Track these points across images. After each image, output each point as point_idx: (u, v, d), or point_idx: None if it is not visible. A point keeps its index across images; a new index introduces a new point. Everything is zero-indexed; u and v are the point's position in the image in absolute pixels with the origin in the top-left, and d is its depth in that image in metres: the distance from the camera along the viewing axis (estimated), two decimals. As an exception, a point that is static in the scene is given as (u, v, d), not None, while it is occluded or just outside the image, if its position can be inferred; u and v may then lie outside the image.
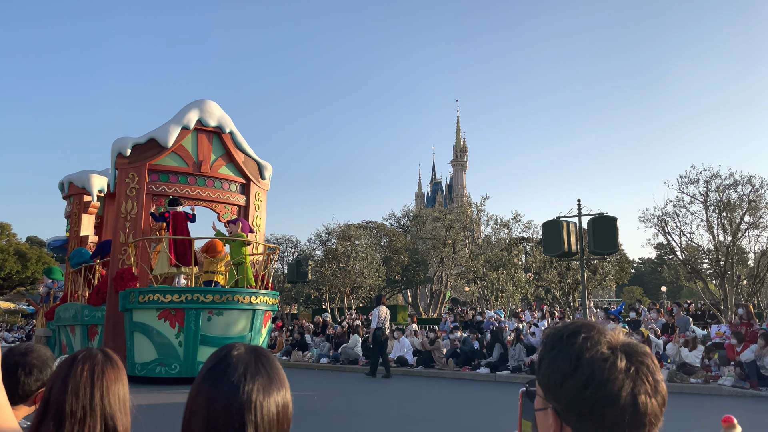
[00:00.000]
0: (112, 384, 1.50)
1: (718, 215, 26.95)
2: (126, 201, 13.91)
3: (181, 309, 12.34)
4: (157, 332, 12.38)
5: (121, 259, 13.75)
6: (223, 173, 15.17)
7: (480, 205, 41.43)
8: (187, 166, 14.62)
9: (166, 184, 14.43)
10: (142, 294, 12.49)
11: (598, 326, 1.14)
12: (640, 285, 62.42)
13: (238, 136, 15.25)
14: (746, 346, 11.89)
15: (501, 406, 10.00)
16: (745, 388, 11.28)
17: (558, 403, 1.10)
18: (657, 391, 1.07)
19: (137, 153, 14.04)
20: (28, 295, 41.72)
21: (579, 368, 1.07)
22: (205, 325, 12.43)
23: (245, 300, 12.80)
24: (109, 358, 1.55)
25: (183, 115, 14.51)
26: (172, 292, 12.47)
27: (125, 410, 1.52)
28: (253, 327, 13.04)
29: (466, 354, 15.92)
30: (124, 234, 13.81)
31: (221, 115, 15.06)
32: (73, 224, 18.42)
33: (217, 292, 12.57)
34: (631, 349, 1.10)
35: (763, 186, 26.48)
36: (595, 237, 13.84)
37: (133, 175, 14.02)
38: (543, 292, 39.72)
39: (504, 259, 36.92)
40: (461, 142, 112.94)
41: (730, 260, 26.56)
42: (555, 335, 1.15)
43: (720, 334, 14.21)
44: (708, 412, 8.94)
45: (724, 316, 23.42)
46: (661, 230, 28.52)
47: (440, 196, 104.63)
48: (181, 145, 14.50)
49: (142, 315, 12.52)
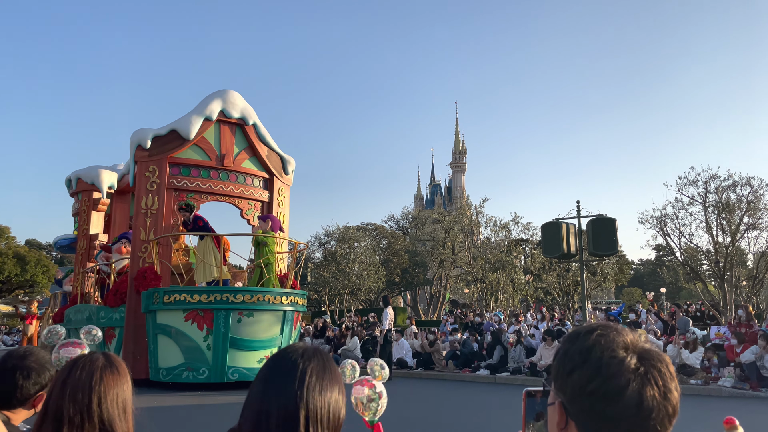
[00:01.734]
0: (111, 389, 1.49)
1: (717, 216, 26.97)
2: (146, 196, 13.14)
3: (210, 310, 11.61)
4: (184, 335, 11.67)
5: (142, 257, 12.99)
6: (246, 167, 14.44)
7: (479, 206, 41.44)
8: (209, 160, 13.87)
9: (187, 178, 13.66)
10: (167, 294, 11.75)
11: (619, 328, 1.14)
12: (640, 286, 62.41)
13: (262, 129, 14.58)
14: (746, 347, 11.89)
15: (501, 408, 9.98)
16: (744, 389, 11.28)
17: (564, 394, 1.10)
18: (666, 399, 1.05)
19: (157, 145, 13.31)
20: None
21: (588, 361, 1.07)
22: (234, 327, 11.70)
23: (276, 300, 12.10)
24: (110, 362, 1.55)
25: (205, 106, 13.80)
26: (199, 292, 11.73)
27: (125, 415, 1.51)
28: (283, 329, 12.36)
29: (465, 356, 15.91)
30: (145, 231, 13.04)
31: (244, 106, 14.38)
32: (81, 222, 17.64)
33: (247, 291, 11.88)
34: (647, 353, 1.09)
35: (762, 187, 26.48)
36: (595, 238, 13.85)
37: (154, 168, 13.26)
38: (542, 293, 39.72)
39: (503, 261, 36.92)
40: (460, 143, 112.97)
41: (729, 261, 26.57)
42: (574, 332, 1.17)
43: (720, 335, 14.21)
44: (708, 414, 8.93)
45: (723, 317, 23.42)
46: (660, 231, 28.53)
47: (439, 197, 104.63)
48: (203, 137, 13.81)
49: (167, 316, 11.81)
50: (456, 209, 51.09)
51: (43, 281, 47.91)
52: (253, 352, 11.89)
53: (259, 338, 11.98)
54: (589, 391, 1.05)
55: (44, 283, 47.85)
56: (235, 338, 11.70)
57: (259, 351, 11.92)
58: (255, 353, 11.90)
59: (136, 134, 13.32)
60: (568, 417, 1.09)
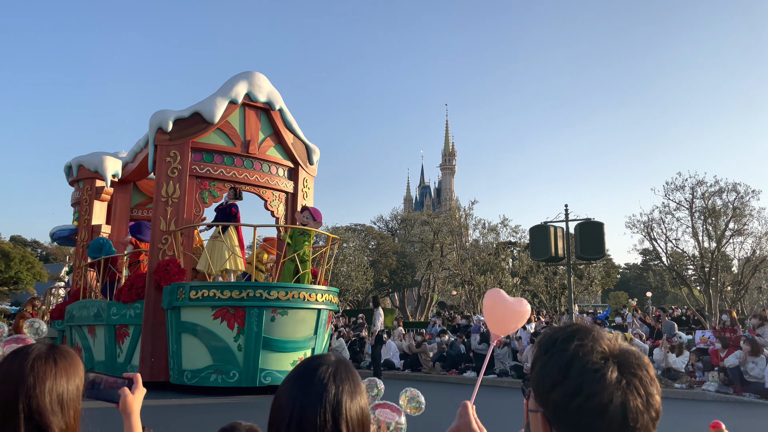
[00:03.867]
0: (45, 380, 1.39)
1: (704, 222, 27.23)
2: (167, 183, 12.08)
3: (242, 307, 10.62)
4: (212, 334, 10.66)
5: (162, 249, 11.89)
6: (271, 156, 13.37)
7: (468, 209, 41.60)
8: (233, 146, 12.82)
9: (210, 165, 12.61)
10: (194, 289, 10.76)
11: (595, 332, 1.11)
12: (626, 290, 62.82)
13: (288, 115, 13.62)
14: (730, 352, 11.99)
15: (487, 410, 9.98)
16: (728, 393, 11.37)
17: (546, 408, 1.08)
18: (649, 405, 1.05)
19: (179, 129, 12.29)
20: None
21: (568, 377, 1.05)
22: (268, 327, 10.70)
23: (311, 297, 11.13)
24: (50, 353, 1.44)
25: (230, 88, 12.82)
26: (231, 288, 10.78)
27: (63, 410, 1.40)
28: (317, 329, 11.42)
29: (452, 358, 15.92)
30: (165, 220, 11.96)
31: (270, 89, 13.39)
32: (82, 212, 16.44)
33: (282, 287, 10.87)
34: (626, 360, 1.07)
35: (747, 193, 26.80)
36: (582, 242, 13.91)
37: (175, 153, 12.20)
38: (530, 296, 39.87)
39: (491, 263, 37.05)
40: (450, 146, 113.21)
41: (714, 266, 26.83)
42: (550, 339, 1.14)
43: (704, 339, 14.33)
44: (692, 418, 8.99)
45: (708, 321, 23.61)
46: (647, 236, 28.77)
47: (429, 199, 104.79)
48: (228, 121, 12.81)
49: (193, 314, 10.81)
50: (445, 211, 51.25)
51: (27, 278, 47.39)
52: (286, 354, 10.95)
53: (294, 338, 11.02)
54: (573, 408, 1.03)
55: (29, 280, 47.33)
56: (269, 338, 10.73)
57: (293, 353, 11.01)
58: (289, 355, 10.97)
59: (157, 116, 12.33)
60: (552, 427, 1.09)
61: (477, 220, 40.79)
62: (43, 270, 50.79)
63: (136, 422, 1.72)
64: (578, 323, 1.15)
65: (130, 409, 1.70)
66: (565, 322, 1.27)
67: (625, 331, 16.52)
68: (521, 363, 14.49)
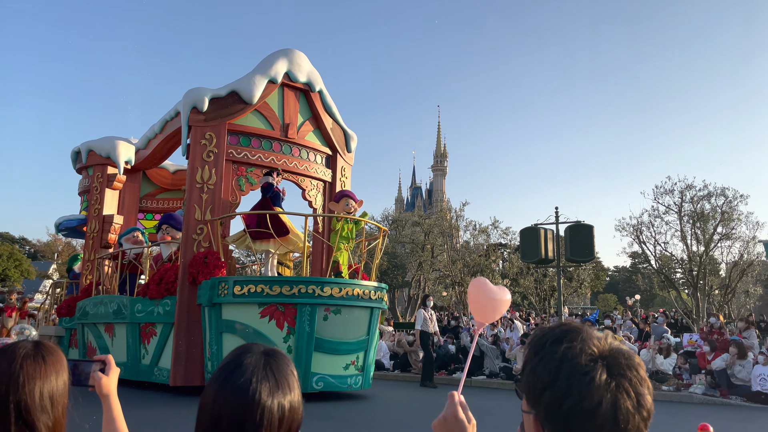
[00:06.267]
0: (33, 379, 1.39)
1: (692, 225, 27.47)
2: (202, 168, 11.05)
3: (293, 305, 9.64)
4: (259, 334, 9.61)
5: (197, 240, 10.83)
6: (310, 141, 12.37)
7: (459, 210, 41.69)
8: (272, 130, 11.78)
9: (247, 149, 11.56)
10: (238, 284, 9.73)
11: (585, 333, 1.12)
12: (615, 293, 63.20)
13: (328, 98, 12.60)
14: (717, 355, 12.10)
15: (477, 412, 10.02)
16: (715, 396, 11.47)
17: (538, 411, 1.09)
18: (640, 406, 1.05)
19: (215, 108, 11.29)
20: None
21: (557, 381, 1.06)
22: (320, 326, 9.76)
23: (365, 295, 10.17)
24: (37, 351, 1.44)
25: (270, 65, 11.76)
26: (281, 283, 9.77)
27: (52, 409, 1.41)
28: (370, 329, 10.50)
29: (442, 359, 15.93)
30: (200, 209, 10.93)
31: (311, 69, 12.36)
32: (93, 201, 15.11)
33: (336, 283, 9.94)
34: (616, 361, 1.07)
35: (736, 198, 27.06)
36: (572, 244, 13.99)
37: (211, 135, 11.18)
38: (519, 298, 40.02)
39: (482, 265, 37.15)
40: (442, 147, 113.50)
41: (702, 270, 27.06)
42: (539, 340, 1.14)
43: (692, 342, 14.44)
44: (680, 420, 9.06)
45: (695, 324, 23.80)
46: (636, 239, 29.01)
47: (420, 200, 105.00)
48: (266, 102, 11.76)
49: (236, 311, 9.80)
50: (436, 212, 51.26)
51: (15, 275, 47.02)
52: (339, 357, 10.06)
53: (347, 340, 10.11)
54: (563, 411, 1.04)
55: (16, 277, 46.97)
56: (321, 339, 9.79)
57: (346, 355, 10.15)
58: (342, 358, 10.10)
59: (191, 93, 11.29)
60: (544, 429, 1.09)
61: (468, 221, 40.91)
62: (31, 267, 50.44)
63: (114, 403, 1.75)
64: (568, 323, 1.15)
65: (106, 390, 1.74)
66: (555, 323, 1.28)
67: (615, 333, 16.62)
68: (510, 364, 14.54)
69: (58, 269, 54.03)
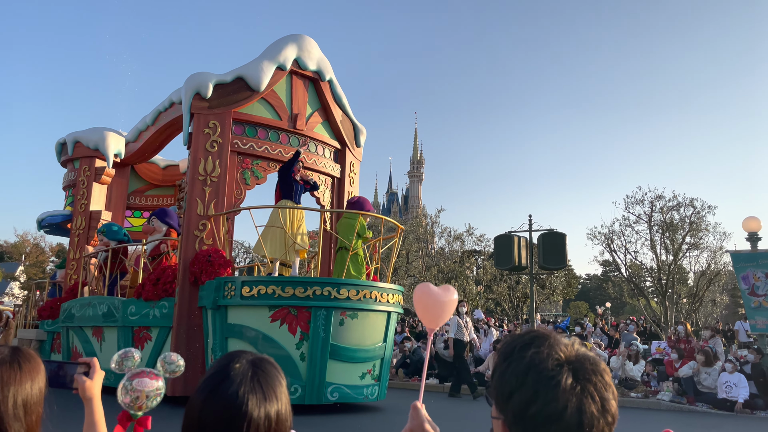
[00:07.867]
0: (7, 385, 1.36)
1: (662, 235, 28.02)
2: (205, 159, 10.24)
3: (306, 308, 8.87)
4: (269, 340, 8.84)
5: (199, 236, 10.04)
6: (318, 134, 11.61)
7: (435, 216, 41.85)
8: (279, 120, 11.04)
9: (254, 140, 10.81)
10: (247, 285, 8.94)
11: (552, 338, 1.14)
12: (586, 300, 64.06)
13: (338, 87, 11.88)
14: (684, 363, 12.34)
15: (447, 416, 10.04)
16: (682, 403, 11.68)
17: (505, 416, 1.11)
18: (605, 410, 1.07)
19: (220, 95, 10.48)
20: None
21: (524, 385, 1.08)
22: (336, 332, 8.98)
23: (383, 298, 9.47)
24: (13, 357, 1.41)
25: (278, 51, 11.00)
26: (293, 284, 8.94)
27: (26, 416, 1.38)
28: (387, 335, 9.79)
29: (415, 364, 15.95)
30: (203, 203, 10.12)
31: (321, 57, 11.65)
32: (78, 196, 14.18)
33: (354, 285, 9.17)
34: (581, 366, 1.10)
35: (704, 209, 27.70)
36: (545, 252, 14.15)
37: (215, 124, 10.39)
38: (493, 305, 40.31)
39: (456, 271, 37.33)
40: (418, 153, 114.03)
41: (671, 279, 27.61)
42: (508, 346, 1.16)
43: (660, 350, 14.71)
44: (646, 426, 9.21)
45: (664, 332, 24.24)
46: (607, 248, 29.48)
47: (396, 206, 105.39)
48: (273, 90, 11.01)
49: (243, 315, 9.01)
50: (412, 218, 51.43)
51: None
52: (356, 365, 9.33)
53: (364, 346, 9.36)
54: (530, 415, 1.06)
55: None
56: (336, 346, 9.00)
57: (363, 363, 9.42)
58: (358, 366, 9.37)
59: (194, 78, 10.48)
60: None
61: (443, 228, 41.09)
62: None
63: (97, 406, 1.75)
64: (537, 330, 1.18)
65: (90, 394, 1.73)
66: (525, 329, 1.31)
67: (585, 341, 16.84)
68: (482, 371, 14.61)
69: (26, 271, 52.78)
